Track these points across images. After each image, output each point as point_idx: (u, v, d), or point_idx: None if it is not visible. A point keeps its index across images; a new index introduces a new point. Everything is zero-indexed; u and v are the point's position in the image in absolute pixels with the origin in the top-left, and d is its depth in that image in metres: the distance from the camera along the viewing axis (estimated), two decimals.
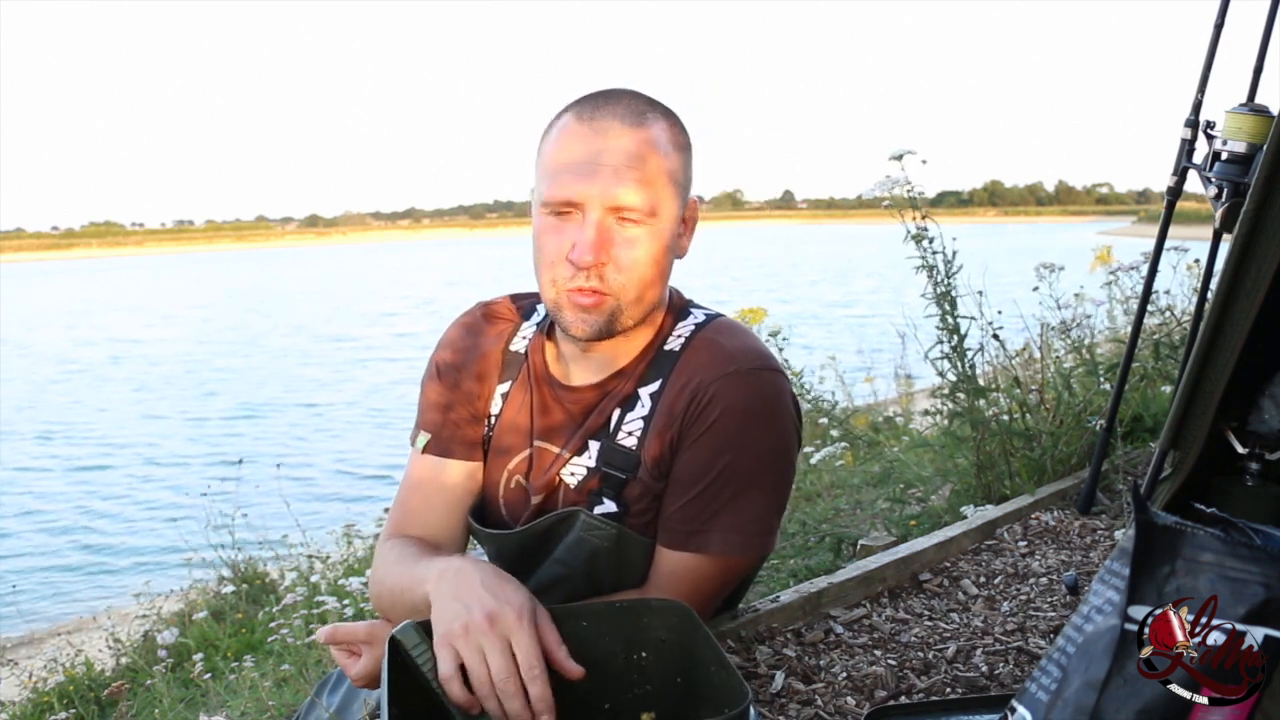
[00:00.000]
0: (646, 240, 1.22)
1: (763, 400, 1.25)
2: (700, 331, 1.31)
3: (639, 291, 1.23)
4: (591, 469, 1.30)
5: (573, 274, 1.20)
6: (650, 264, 1.23)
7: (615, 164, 1.18)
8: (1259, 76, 1.95)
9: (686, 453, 1.24)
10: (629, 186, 1.18)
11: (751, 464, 1.24)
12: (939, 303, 2.50)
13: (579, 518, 1.28)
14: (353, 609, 3.07)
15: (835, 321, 17.87)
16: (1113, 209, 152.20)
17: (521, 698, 0.98)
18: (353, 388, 15.90)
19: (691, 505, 1.24)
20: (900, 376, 5.13)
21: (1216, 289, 1.07)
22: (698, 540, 1.24)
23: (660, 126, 1.23)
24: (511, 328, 1.41)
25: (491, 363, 1.39)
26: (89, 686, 3.63)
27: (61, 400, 16.01)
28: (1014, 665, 1.44)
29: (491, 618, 1.01)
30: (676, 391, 1.26)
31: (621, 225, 1.20)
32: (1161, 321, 3.21)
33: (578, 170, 1.18)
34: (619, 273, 1.21)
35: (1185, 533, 0.77)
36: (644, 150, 1.20)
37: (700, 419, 1.23)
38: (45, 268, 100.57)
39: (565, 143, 1.21)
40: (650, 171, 1.20)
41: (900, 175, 2.50)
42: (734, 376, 1.24)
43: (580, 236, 1.18)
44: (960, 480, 2.62)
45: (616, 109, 1.21)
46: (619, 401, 1.30)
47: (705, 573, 1.26)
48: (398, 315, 28.23)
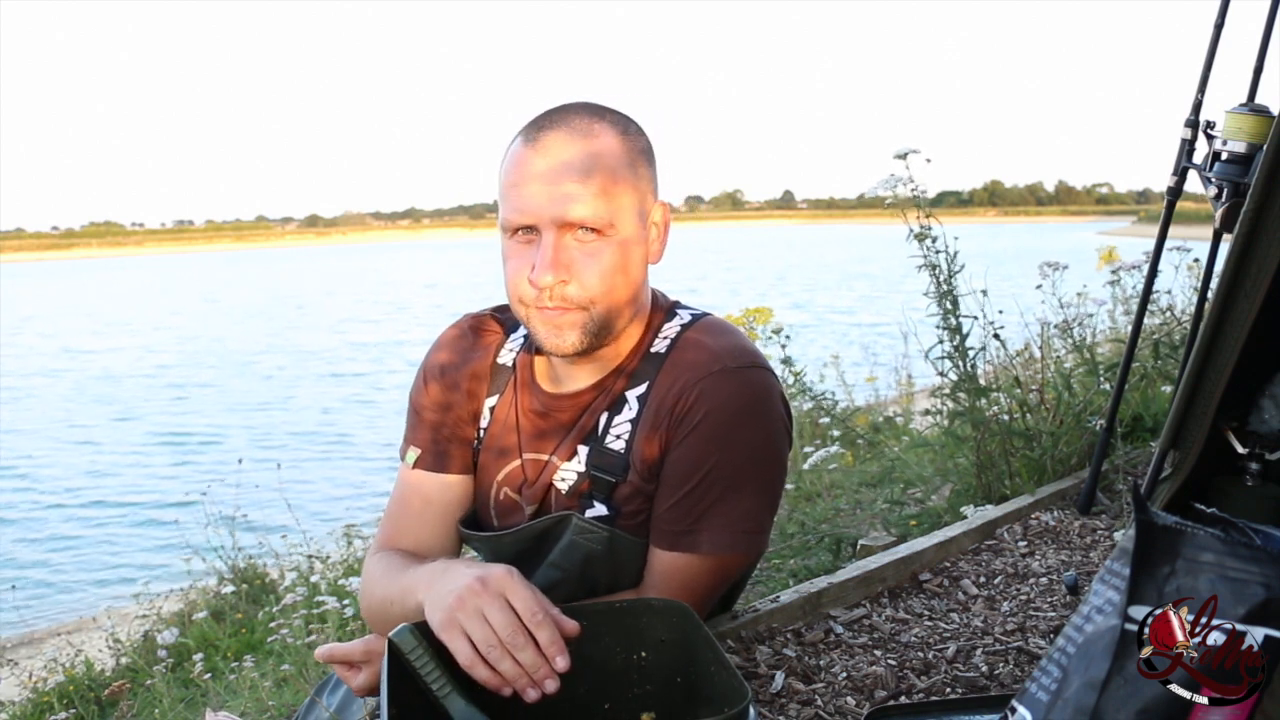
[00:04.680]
0: (608, 252, 1.21)
1: (750, 399, 1.24)
2: (686, 332, 1.31)
3: (608, 304, 1.22)
4: (581, 473, 1.30)
5: (536, 294, 1.20)
6: (615, 274, 1.22)
7: (562, 181, 1.18)
8: (1259, 76, 1.95)
9: (675, 452, 1.24)
10: (578, 202, 1.18)
11: (740, 463, 1.24)
12: (940, 302, 2.50)
13: (571, 521, 1.27)
14: (352, 609, 3.06)
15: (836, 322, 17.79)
16: (1113, 209, 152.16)
17: (532, 646, 0.98)
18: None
19: (680, 505, 1.24)
20: (901, 376, 5.13)
21: (1216, 289, 1.07)
22: (688, 540, 1.24)
23: (608, 136, 1.22)
24: (498, 340, 1.41)
25: (480, 376, 1.39)
26: (89, 686, 3.62)
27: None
28: (1014, 665, 1.44)
29: (483, 580, 1.01)
30: (664, 392, 1.26)
31: (579, 241, 1.20)
32: (1162, 321, 3.21)
33: (527, 193, 1.19)
34: (582, 289, 1.20)
35: (1185, 533, 0.78)
36: (592, 163, 1.19)
37: (687, 419, 1.23)
38: (45, 268, 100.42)
39: (514, 167, 1.21)
40: (601, 183, 1.19)
41: (904, 174, 2.50)
42: (720, 375, 1.23)
43: (539, 257, 1.19)
44: (960, 480, 2.62)
45: (561, 127, 1.20)
46: (607, 405, 1.30)
47: (697, 572, 1.26)
48: (379, 322, 27.09)
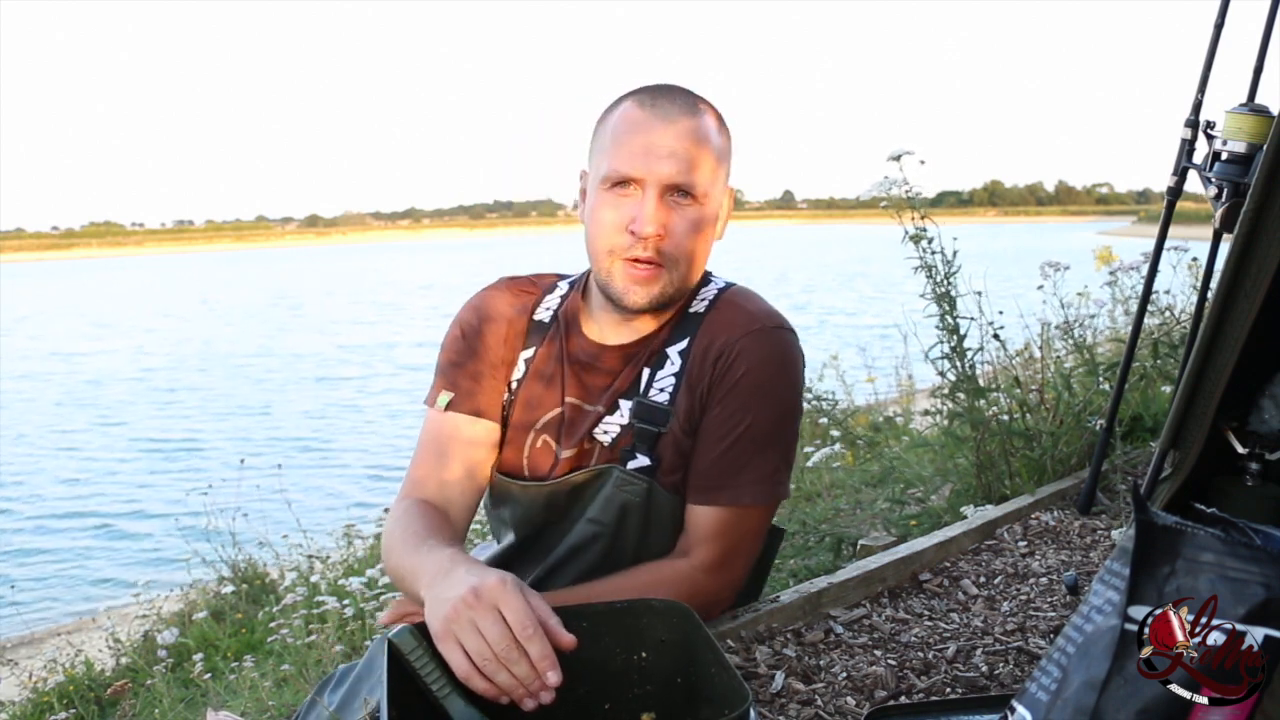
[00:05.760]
0: (697, 219, 1.31)
1: (783, 358, 1.35)
2: (723, 295, 1.41)
3: (687, 267, 1.33)
4: (625, 426, 1.36)
5: (631, 244, 1.29)
6: (699, 240, 1.33)
7: (674, 146, 1.28)
8: (1259, 76, 1.95)
9: (716, 409, 1.33)
10: (686, 167, 1.28)
11: (773, 417, 1.34)
12: (938, 302, 2.50)
13: (613, 474, 1.34)
14: (352, 609, 3.07)
15: (836, 322, 17.76)
16: (1113, 209, 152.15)
17: (525, 660, 0.98)
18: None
19: (723, 459, 1.32)
20: (901, 376, 5.13)
21: (1216, 289, 1.07)
22: (732, 492, 1.32)
23: (711, 117, 1.34)
24: (534, 298, 1.48)
25: (516, 329, 1.46)
26: (89, 686, 3.62)
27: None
28: (1014, 665, 1.44)
29: (476, 591, 1.01)
30: (704, 348, 1.35)
31: (676, 204, 1.30)
32: (1161, 321, 3.21)
33: (640, 150, 1.28)
34: (673, 246, 1.30)
35: (1185, 533, 0.78)
36: (698, 137, 1.30)
37: (728, 375, 1.33)
38: (45, 268, 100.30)
39: (628, 126, 1.30)
40: (703, 157, 1.30)
41: (898, 176, 2.51)
42: (758, 334, 1.34)
43: (640, 210, 1.28)
44: (960, 480, 2.62)
45: (676, 99, 1.32)
46: (648, 360, 1.38)
47: (742, 525, 1.34)
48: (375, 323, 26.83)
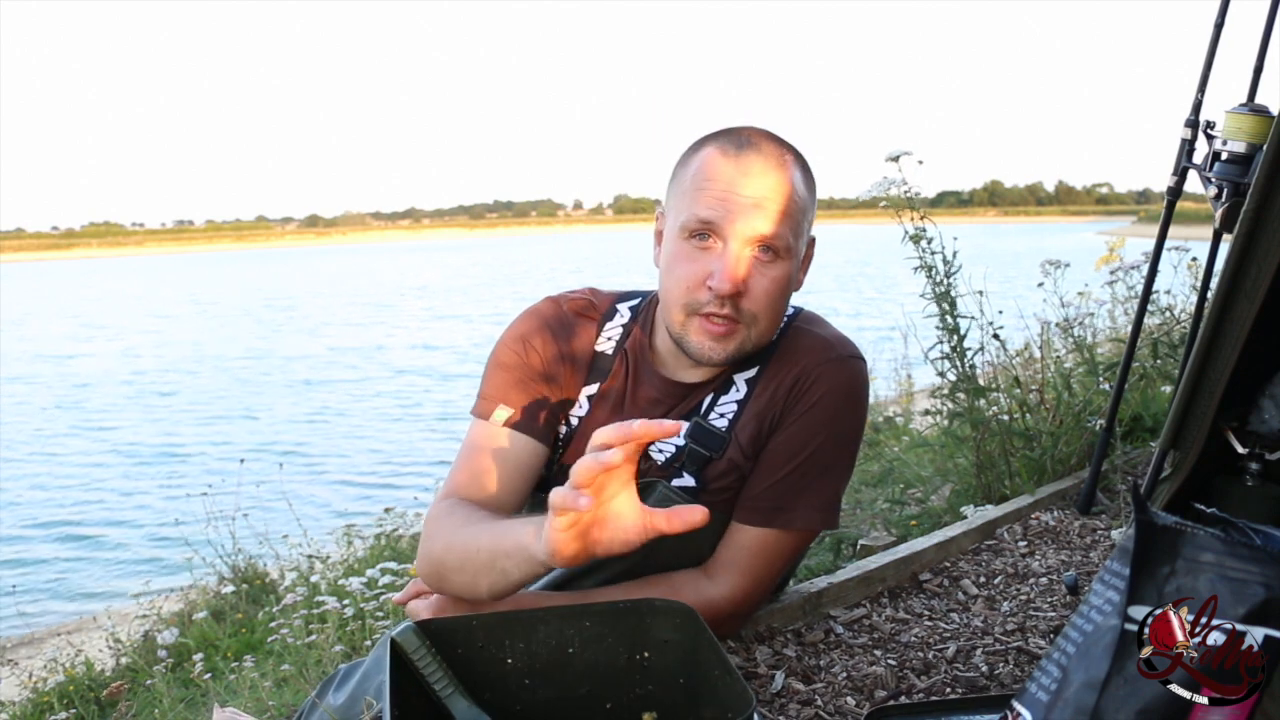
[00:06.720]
0: (778, 274, 1.27)
1: (855, 386, 1.36)
2: (793, 322, 1.40)
3: (767, 323, 1.29)
4: (680, 447, 1.35)
5: (708, 299, 1.25)
6: (779, 296, 1.29)
7: (758, 198, 1.24)
8: (1259, 76, 1.95)
9: (784, 432, 1.32)
10: (770, 221, 1.24)
11: (838, 445, 1.34)
12: (938, 302, 2.50)
13: (658, 488, 1.33)
14: (352, 609, 3.06)
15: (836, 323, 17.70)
16: (1113, 209, 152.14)
17: None
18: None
19: (782, 484, 1.31)
20: (901, 376, 5.13)
21: (1216, 289, 1.07)
22: (784, 517, 1.32)
23: (797, 170, 1.29)
24: (596, 328, 1.43)
25: (580, 360, 1.41)
26: (89, 686, 3.62)
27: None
28: (1014, 665, 1.44)
29: None
30: (780, 376, 1.34)
31: (758, 260, 1.25)
32: (1161, 321, 3.21)
33: (723, 199, 1.23)
34: (752, 303, 1.26)
35: (1185, 533, 0.78)
36: (783, 190, 1.26)
37: (803, 400, 1.32)
38: (45, 268, 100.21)
39: (711, 173, 1.25)
40: (787, 210, 1.25)
41: (897, 176, 2.51)
42: (835, 363, 1.34)
43: (721, 265, 1.23)
44: (960, 480, 2.62)
45: (762, 148, 1.27)
46: (714, 387, 1.37)
47: (784, 548, 1.34)
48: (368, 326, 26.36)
